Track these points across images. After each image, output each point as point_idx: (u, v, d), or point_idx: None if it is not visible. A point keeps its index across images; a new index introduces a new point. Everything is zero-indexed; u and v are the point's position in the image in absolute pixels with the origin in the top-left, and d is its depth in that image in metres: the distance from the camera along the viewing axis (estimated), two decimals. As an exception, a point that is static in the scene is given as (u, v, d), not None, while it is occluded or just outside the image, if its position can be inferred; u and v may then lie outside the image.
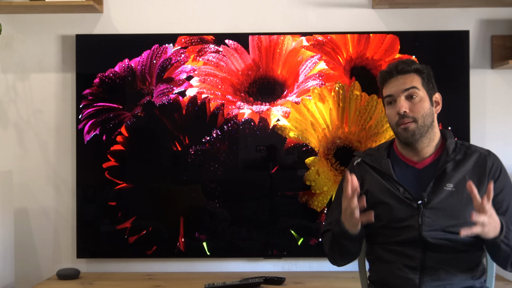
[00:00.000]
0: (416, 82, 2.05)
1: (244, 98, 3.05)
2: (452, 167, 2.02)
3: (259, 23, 3.15)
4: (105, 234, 3.09)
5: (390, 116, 2.08)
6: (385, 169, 2.07)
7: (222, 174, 3.04)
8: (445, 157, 2.04)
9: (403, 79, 2.05)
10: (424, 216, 1.98)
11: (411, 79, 2.05)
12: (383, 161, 2.10)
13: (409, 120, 2.02)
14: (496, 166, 2.04)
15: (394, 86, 2.05)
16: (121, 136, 3.08)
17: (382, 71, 2.12)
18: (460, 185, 1.99)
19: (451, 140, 2.09)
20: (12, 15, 3.15)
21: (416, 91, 2.03)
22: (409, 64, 2.07)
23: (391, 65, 2.09)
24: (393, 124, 2.07)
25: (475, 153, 2.06)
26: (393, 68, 2.07)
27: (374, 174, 2.10)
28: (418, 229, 1.98)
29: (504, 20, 3.13)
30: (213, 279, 2.86)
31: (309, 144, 3.03)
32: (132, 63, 3.09)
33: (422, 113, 2.02)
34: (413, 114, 2.02)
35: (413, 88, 2.03)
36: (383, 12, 3.14)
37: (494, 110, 3.14)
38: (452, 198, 1.98)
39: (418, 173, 2.05)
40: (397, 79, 2.05)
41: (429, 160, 2.07)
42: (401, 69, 2.05)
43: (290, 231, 3.05)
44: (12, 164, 3.14)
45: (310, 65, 3.05)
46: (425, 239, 1.97)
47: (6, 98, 3.17)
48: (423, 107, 2.03)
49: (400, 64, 2.07)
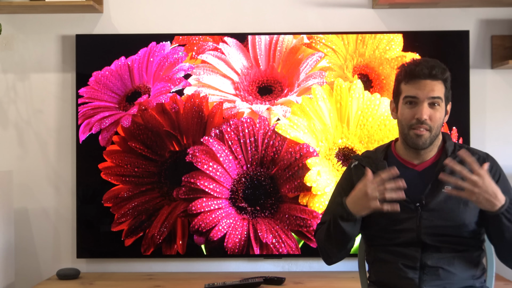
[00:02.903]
0: (442, 91, 1.98)
1: (244, 97, 3.05)
2: (451, 169, 2.00)
3: (259, 23, 3.15)
4: (105, 234, 3.09)
5: (405, 116, 2.00)
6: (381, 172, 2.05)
7: (221, 174, 3.04)
8: (444, 159, 2.02)
9: (432, 85, 1.96)
10: (422, 218, 1.98)
11: (439, 87, 1.97)
12: (380, 163, 2.07)
13: (426, 128, 1.97)
14: (495, 170, 2.03)
15: (422, 89, 1.96)
16: (117, 136, 3.07)
17: (410, 66, 2.00)
18: (458, 187, 1.97)
19: (450, 142, 2.08)
20: (12, 15, 3.15)
21: (440, 102, 1.97)
22: (443, 71, 1.98)
23: (422, 65, 1.98)
24: (405, 125, 2.01)
25: (474, 156, 2.02)
26: (426, 70, 1.96)
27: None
28: (416, 231, 1.98)
29: (504, 20, 3.13)
30: (213, 279, 2.85)
31: (310, 144, 3.03)
32: (128, 61, 3.09)
33: (438, 124, 1.99)
34: (430, 123, 1.97)
35: (439, 98, 1.97)
36: (383, 12, 3.14)
37: (494, 110, 3.14)
38: (451, 200, 1.98)
39: (417, 175, 2.04)
40: (426, 82, 1.96)
41: (428, 162, 2.05)
42: (435, 74, 1.96)
43: (291, 232, 3.05)
44: (12, 164, 3.14)
45: (311, 63, 3.04)
46: (424, 241, 1.97)
47: (6, 98, 3.17)
48: (441, 118, 1.99)
49: (435, 68, 1.97)
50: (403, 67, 2.03)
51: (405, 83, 2.00)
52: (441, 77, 1.97)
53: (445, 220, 1.96)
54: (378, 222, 2.01)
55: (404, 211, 1.98)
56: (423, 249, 1.98)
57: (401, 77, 2.02)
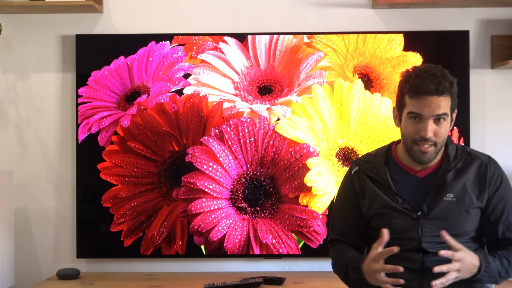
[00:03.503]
0: (448, 106, 1.91)
1: (244, 97, 3.05)
2: (453, 176, 1.99)
3: (259, 23, 3.14)
4: (105, 234, 3.08)
5: (409, 130, 1.95)
6: (382, 178, 2.03)
7: (221, 174, 3.04)
8: (446, 165, 2.00)
9: (438, 101, 1.89)
10: (424, 227, 1.97)
11: (445, 103, 1.90)
12: (380, 169, 2.04)
13: (430, 144, 1.93)
14: (497, 175, 2.02)
15: (427, 107, 1.89)
16: (116, 136, 3.07)
17: (416, 81, 1.90)
18: (460, 195, 1.97)
19: (452, 146, 2.05)
20: (12, 15, 3.15)
21: (446, 117, 1.92)
22: (450, 86, 1.90)
23: (429, 80, 1.89)
24: (409, 139, 1.96)
25: (476, 161, 2.02)
26: (432, 86, 1.88)
27: (372, 184, 2.05)
28: (418, 240, 1.97)
29: (504, 20, 3.13)
30: (213, 279, 2.85)
31: (310, 144, 3.02)
32: (127, 61, 3.08)
33: (443, 138, 1.95)
34: (435, 139, 1.93)
35: (444, 114, 1.91)
36: (383, 12, 3.14)
37: (494, 110, 3.14)
38: (453, 208, 1.97)
39: (419, 182, 2.02)
40: (432, 99, 1.88)
41: (431, 169, 2.03)
42: (442, 90, 1.88)
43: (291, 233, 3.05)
44: (12, 164, 3.14)
45: (311, 63, 3.04)
46: (425, 249, 1.97)
47: (6, 98, 3.17)
48: (446, 132, 1.95)
49: (441, 84, 1.88)
50: (408, 78, 1.94)
51: (410, 97, 1.93)
52: (449, 92, 1.91)
53: (447, 228, 1.93)
54: (379, 231, 1.97)
55: (406, 220, 1.99)
56: (423, 253, 1.98)
57: (406, 90, 1.95)
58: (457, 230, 1.96)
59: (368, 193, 2.06)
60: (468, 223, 1.98)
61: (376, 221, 2.03)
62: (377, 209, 2.03)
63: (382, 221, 2.01)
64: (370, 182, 2.06)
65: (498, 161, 2.07)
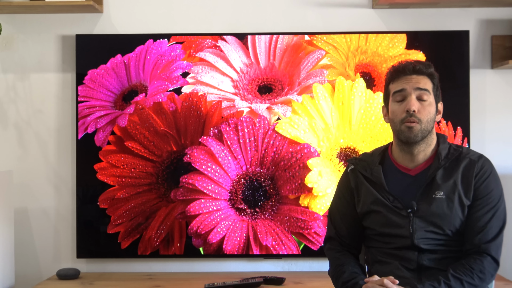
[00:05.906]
0: (429, 86, 2.03)
1: (243, 96, 3.04)
2: (442, 174, 2.02)
3: (259, 23, 3.15)
4: (105, 234, 3.08)
5: (395, 113, 2.04)
6: (376, 177, 2.07)
7: (220, 175, 3.03)
8: (436, 163, 2.03)
9: (417, 78, 2.02)
10: (414, 224, 1.99)
11: (425, 81, 2.03)
12: (374, 168, 2.09)
13: (415, 120, 1.99)
14: (485, 170, 2.02)
15: (407, 82, 2.02)
16: (113, 136, 3.06)
17: (395, 66, 2.08)
18: (450, 193, 1.99)
19: (444, 145, 2.08)
20: (12, 15, 3.16)
21: (428, 95, 2.01)
22: (427, 66, 2.05)
23: (407, 62, 2.06)
24: (397, 121, 2.03)
25: (465, 159, 2.04)
26: (409, 66, 2.04)
27: (366, 182, 2.10)
28: (410, 237, 1.99)
29: (504, 20, 3.14)
30: (213, 279, 2.85)
31: (311, 144, 3.02)
32: (124, 59, 3.08)
33: (427, 118, 2.01)
34: (420, 116, 2.00)
35: (426, 90, 2.02)
36: (383, 12, 3.14)
37: (494, 110, 3.14)
38: (442, 206, 1.99)
39: (410, 180, 2.06)
40: (411, 77, 2.02)
41: (422, 167, 2.06)
42: (418, 69, 2.03)
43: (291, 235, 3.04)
44: (12, 164, 3.15)
45: (312, 61, 3.03)
46: (418, 246, 1.99)
47: (6, 98, 3.17)
48: (430, 112, 2.01)
49: (418, 64, 2.04)
50: (388, 71, 2.10)
51: (392, 82, 2.07)
52: (426, 71, 2.03)
53: (438, 225, 1.98)
54: (374, 227, 2.06)
55: (397, 217, 2.02)
56: (419, 251, 2.00)
57: (388, 79, 2.10)
58: (448, 226, 1.98)
59: (362, 191, 2.10)
60: (458, 221, 1.99)
61: (369, 219, 2.07)
62: (369, 206, 2.06)
63: (375, 219, 2.06)
64: (365, 180, 2.10)
65: (498, 161, 2.08)
